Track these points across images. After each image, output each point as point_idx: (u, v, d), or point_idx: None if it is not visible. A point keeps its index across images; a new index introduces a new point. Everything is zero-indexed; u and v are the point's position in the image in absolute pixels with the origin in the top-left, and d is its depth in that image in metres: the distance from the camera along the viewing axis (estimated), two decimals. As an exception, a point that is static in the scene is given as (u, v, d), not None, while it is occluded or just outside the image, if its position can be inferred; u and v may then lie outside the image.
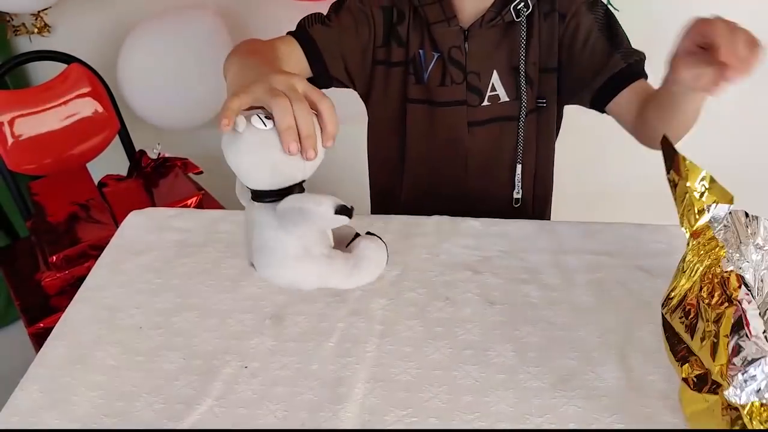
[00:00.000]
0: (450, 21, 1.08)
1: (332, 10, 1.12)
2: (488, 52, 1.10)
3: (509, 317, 0.89)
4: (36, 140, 1.78)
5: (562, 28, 1.09)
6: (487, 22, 1.07)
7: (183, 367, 0.85)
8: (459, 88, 1.12)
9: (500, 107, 1.13)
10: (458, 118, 1.14)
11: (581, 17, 1.08)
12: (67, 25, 2.02)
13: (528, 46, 1.09)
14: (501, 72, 1.11)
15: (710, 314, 0.64)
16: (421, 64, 1.12)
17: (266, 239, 0.71)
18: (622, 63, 1.06)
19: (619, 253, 0.98)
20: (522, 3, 1.06)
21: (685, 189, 0.70)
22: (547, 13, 1.08)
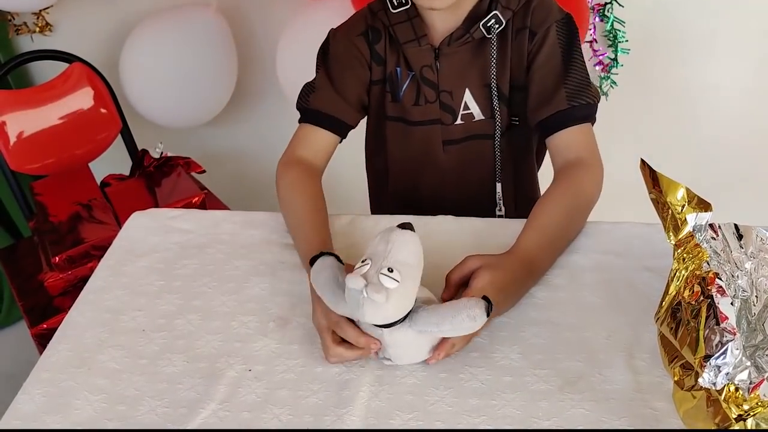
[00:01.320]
0: (420, 40, 1.07)
1: (319, 64, 1.14)
2: (460, 70, 1.09)
3: (515, 318, 0.88)
4: (38, 140, 1.77)
5: (530, 45, 1.06)
6: (455, 39, 1.06)
7: (186, 370, 0.84)
8: (432, 107, 1.12)
9: (475, 125, 1.12)
10: (432, 137, 1.14)
11: (548, 37, 1.05)
12: (69, 24, 2.01)
13: (500, 63, 1.07)
14: (474, 90, 1.10)
15: (689, 311, 0.67)
16: (396, 82, 1.12)
17: (408, 349, 0.81)
18: (566, 104, 1.04)
19: (627, 253, 0.97)
20: (493, 19, 1.04)
21: (667, 205, 0.73)
22: (518, 29, 1.06)
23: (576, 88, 1.04)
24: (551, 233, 0.95)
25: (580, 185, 1.01)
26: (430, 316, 0.78)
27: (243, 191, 2.12)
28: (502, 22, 1.04)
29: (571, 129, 1.04)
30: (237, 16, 1.93)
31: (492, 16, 1.04)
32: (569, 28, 1.06)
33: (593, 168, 1.03)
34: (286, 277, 0.96)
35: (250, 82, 2.05)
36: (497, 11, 1.03)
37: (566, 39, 1.05)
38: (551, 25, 1.05)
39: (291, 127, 2.18)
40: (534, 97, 1.07)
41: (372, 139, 1.23)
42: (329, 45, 1.14)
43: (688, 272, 0.72)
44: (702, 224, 0.74)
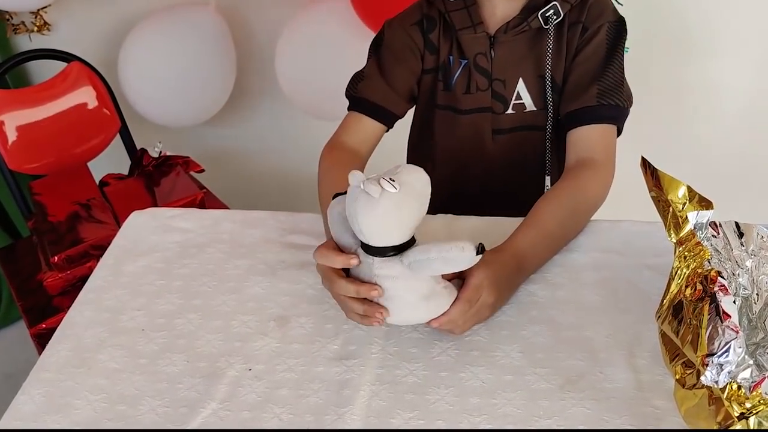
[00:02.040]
0: (476, 27, 1.07)
1: (371, 53, 1.14)
2: (514, 59, 1.09)
3: (516, 317, 0.88)
4: (36, 139, 1.77)
5: (579, 39, 1.06)
6: (512, 28, 1.06)
7: (186, 369, 0.84)
8: (483, 95, 1.11)
9: (526, 116, 1.12)
10: (482, 125, 1.13)
11: (598, 34, 1.06)
12: (67, 23, 2.01)
13: (555, 55, 1.07)
14: (527, 80, 1.10)
15: (691, 310, 0.67)
16: (449, 70, 1.12)
17: (397, 289, 0.79)
18: (595, 100, 1.04)
19: (627, 251, 0.96)
20: (552, 10, 1.04)
21: (668, 203, 0.73)
22: (573, 23, 1.06)
23: (608, 87, 1.05)
24: (549, 232, 0.95)
25: (586, 186, 1.01)
26: (419, 246, 0.78)
27: (242, 190, 2.12)
28: (560, 14, 1.04)
29: (593, 127, 1.05)
30: (236, 15, 1.92)
31: (551, 7, 1.04)
32: (619, 31, 1.07)
33: (603, 170, 1.03)
34: (286, 276, 0.96)
35: (248, 81, 2.04)
36: (557, 2, 1.03)
37: (613, 40, 1.06)
38: (603, 24, 1.06)
39: (290, 126, 2.19)
40: (569, 89, 1.07)
41: (418, 128, 1.23)
42: (383, 35, 1.13)
43: (690, 270, 0.72)
44: (703, 222, 0.74)
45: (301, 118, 1.96)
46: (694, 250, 0.73)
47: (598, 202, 1.02)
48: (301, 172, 2.11)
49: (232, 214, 1.10)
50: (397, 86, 1.11)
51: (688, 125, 1.97)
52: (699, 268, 0.70)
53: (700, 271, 0.70)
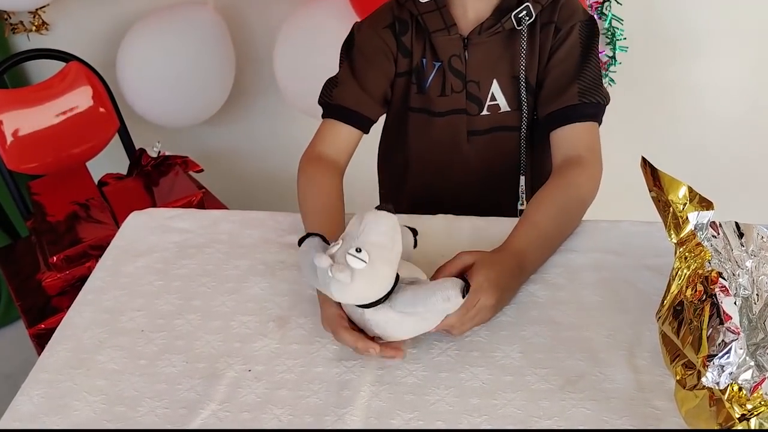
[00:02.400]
0: (450, 29, 1.07)
1: (343, 58, 1.13)
2: (488, 60, 1.09)
3: (516, 318, 0.88)
4: (35, 139, 1.77)
5: (553, 40, 1.07)
6: (486, 29, 1.06)
7: (186, 370, 0.84)
8: (458, 97, 1.11)
9: (500, 117, 1.12)
10: (457, 127, 1.13)
11: (571, 35, 1.06)
12: (66, 23, 2.00)
13: (529, 56, 1.07)
14: (501, 81, 1.10)
15: (692, 311, 0.67)
16: (422, 73, 1.12)
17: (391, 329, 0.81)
18: (577, 99, 1.05)
19: (627, 252, 0.96)
20: (524, 11, 1.04)
21: (668, 203, 0.73)
22: (544, 23, 1.07)
23: (588, 85, 1.05)
24: (544, 230, 0.95)
25: (576, 184, 1.01)
26: (406, 296, 0.78)
27: (240, 190, 2.12)
28: (532, 14, 1.04)
29: (577, 125, 1.05)
30: (234, 15, 1.92)
31: (524, 8, 1.04)
32: (591, 30, 1.07)
33: (592, 167, 1.03)
34: (286, 276, 0.96)
35: (247, 80, 2.04)
36: (529, 3, 1.04)
37: (587, 39, 1.07)
38: (575, 24, 1.06)
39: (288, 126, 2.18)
40: (547, 90, 1.08)
41: (391, 133, 1.22)
42: (354, 38, 1.13)
43: (690, 271, 0.72)
44: (704, 223, 0.74)
45: (299, 117, 1.96)
46: (695, 251, 0.73)
47: (588, 198, 1.02)
48: (300, 172, 2.11)
49: (231, 215, 1.10)
50: (371, 90, 1.11)
51: (686, 123, 1.97)
52: (700, 269, 0.70)
53: (700, 272, 0.70)
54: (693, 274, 0.71)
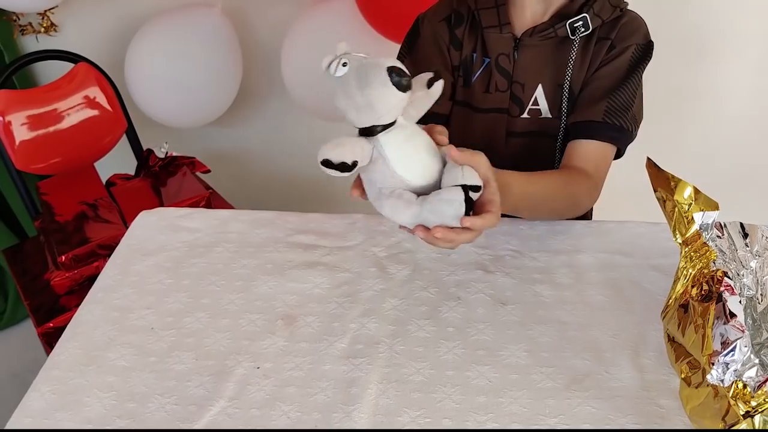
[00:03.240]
0: (503, 27, 1.07)
1: (405, 52, 1.14)
2: (536, 64, 1.09)
3: (522, 317, 0.88)
4: (43, 140, 1.78)
5: (605, 55, 1.07)
6: (538, 32, 1.06)
7: (195, 367, 0.85)
8: (502, 96, 1.11)
9: (539, 122, 1.12)
10: (497, 126, 1.13)
11: (624, 54, 1.06)
12: (74, 24, 2.02)
13: (577, 67, 1.07)
14: (546, 87, 1.10)
15: (698, 310, 0.68)
16: (470, 67, 1.12)
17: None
18: (601, 116, 1.05)
19: (633, 252, 0.97)
20: (581, 21, 1.03)
21: (674, 203, 0.74)
22: (601, 38, 1.06)
23: (617, 107, 1.06)
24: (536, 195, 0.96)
25: (579, 185, 1.02)
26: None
27: (247, 191, 2.13)
28: (589, 27, 1.04)
29: (593, 142, 1.06)
30: (242, 17, 1.93)
31: (581, 18, 1.03)
32: (644, 54, 1.07)
33: (594, 185, 1.04)
34: (294, 275, 0.97)
35: (254, 82, 2.05)
36: (587, 15, 1.03)
37: (635, 62, 1.07)
38: (631, 45, 1.06)
39: (295, 127, 2.19)
40: (579, 100, 1.08)
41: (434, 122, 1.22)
42: (419, 30, 1.13)
43: (696, 270, 0.72)
44: (709, 223, 0.75)
45: (306, 118, 1.97)
46: (700, 251, 0.73)
47: (582, 205, 1.04)
48: (307, 173, 2.11)
49: (240, 214, 1.11)
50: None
51: (692, 125, 1.97)
52: (705, 269, 0.71)
53: (706, 271, 0.71)
54: (698, 273, 0.72)
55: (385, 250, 1.01)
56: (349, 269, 0.97)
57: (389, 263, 0.98)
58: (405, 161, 0.79)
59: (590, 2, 1.04)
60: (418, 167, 0.80)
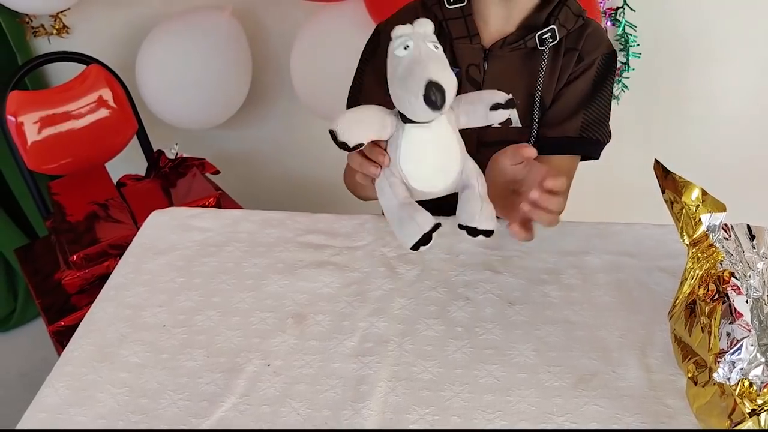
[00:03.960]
0: (472, 38, 1.08)
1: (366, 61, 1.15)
2: (506, 74, 1.10)
3: (530, 317, 0.89)
4: (55, 140, 1.79)
5: (574, 67, 1.08)
6: (509, 44, 1.07)
7: (206, 365, 0.86)
8: None
9: (510, 131, 1.11)
10: (469, 136, 1.13)
11: (593, 67, 1.08)
12: (86, 26, 2.03)
13: (548, 77, 1.08)
14: (517, 97, 1.09)
15: (705, 310, 0.69)
16: None
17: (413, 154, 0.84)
18: (578, 132, 1.08)
19: (640, 253, 0.98)
20: (549, 33, 1.05)
21: (681, 205, 0.75)
22: (569, 49, 1.08)
23: (593, 120, 1.08)
24: None
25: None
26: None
27: (256, 192, 2.14)
28: (556, 37, 1.05)
29: (567, 156, 1.09)
30: (251, 20, 1.95)
31: (549, 30, 1.05)
32: (610, 64, 1.09)
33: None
34: (304, 274, 0.98)
35: (264, 84, 2.07)
36: (554, 26, 1.05)
37: (603, 72, 1.09)
38: (598, 57, 1.08)
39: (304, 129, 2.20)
40: (552, 114, 1.09)
41: None
42: (380, 40, 1.13)
43: (703, 271, 0.73)
44: (716, 225, 0.76)
45: (315, 121, 1.98)
46: (707, 252, 0.74)
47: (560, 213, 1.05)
48: (315, 175, 2.13)
49: (251, 214, 1.12)
50: None
51: (698, 129, 1.97)
52: (712, 269, 0.72)
53: (713, 272, 0.71)
54: (705, 274, 0.73)
55: (394, 251, 1.01)
56: (359, 269, 0.99)
57: (398, 263, 0.99)
58: (413, 160, 0.81)
59: (555, 13, 1.05)
60: (424, 172, 0.82)
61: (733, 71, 1.88)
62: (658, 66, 1.86)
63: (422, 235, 0.79)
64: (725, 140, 1.97)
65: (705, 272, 0.73)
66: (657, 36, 1.82)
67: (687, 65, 1.87)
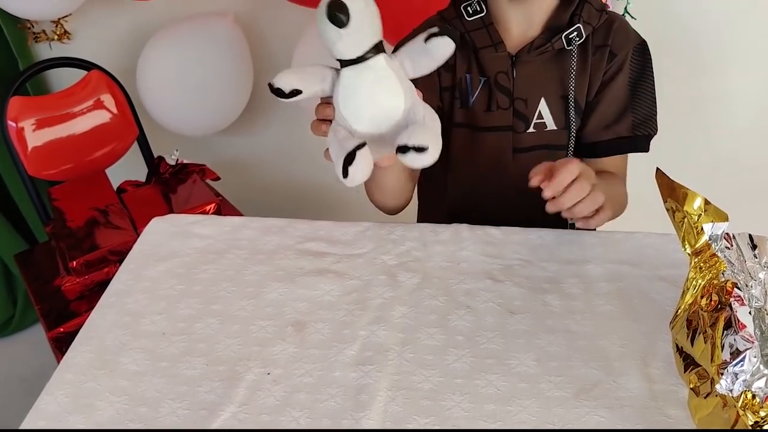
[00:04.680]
0: (497, 46, 1.07)
1: None
2: (536, 79, 1.09)
3: (531, 326, 0.89)
4: (56, 146, 1.80)
5: (608, 64, 1.08)
6: (535, 48, 1.06)
7: (206, 373, 0.85)
8: (505, 114, 1.11)
9: (546, 135, 1.12)
10: (503, 144, 1.14)
11: (626, 62, 1.08)
12: (87, 32, 2.04)
13: (579, 76, 1.08)
14: (549, 100, 1.10)
15: (707, 320, 0.68)
16: (467, 88, 1.12)
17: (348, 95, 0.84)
18: (629, 131, 1.09)
19: (641, 262, 0.98)
20: (575, 32, 1.04)
21: (683, 214, 0.74)
22: (599, 46, 1.07)
23: (643, 118, 1.09)
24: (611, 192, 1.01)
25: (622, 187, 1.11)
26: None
27: (257, 199, 2.14)
28: (582, 35, 1.05)
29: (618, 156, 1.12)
30: (253, 26, 1.95)
31: (575, 29, 1.04)
32: (644, 55, 1.09)
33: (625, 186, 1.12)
34: (304, 282, 0.98)
35: (265, 91, 2.03)
36: (580, 24, 1.04)
37: (640, 65, 1.09)
38: (630, 49, 1.08)
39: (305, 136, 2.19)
40: (598, 117, 1.10)
41: None
42: None
43: (705, 281, 0.73)
44: (718, 234, 0.75)
45: (315, 127, 1.98)
46: (710, 262, 0.74)
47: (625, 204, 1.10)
48: (316, 182, 2.13)
49: (251, 222, 1.12)
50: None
51: (701, 136, 1.97)
52: (714, 279, 0.71)
53: (715, 282, 0.71)
54: (708, 284, 0.72)
55: (395, 258, 1.01)
56: (359, 277, 0.98)
57: (398, 271, 0.99)
58: (349, 100, 0.81)
59: (578, 11, 1.05)
60: (363, 112, 0.82)
61: (738, 78, 1.88)
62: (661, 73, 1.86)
63: (346, 153, 0.77)
64: (728, 149, 1.97)
65: (707, 282, 0.73)
66: (659, 43, 1.81)
67: (690, 72, 1.87)
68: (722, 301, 0.68)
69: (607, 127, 1.10)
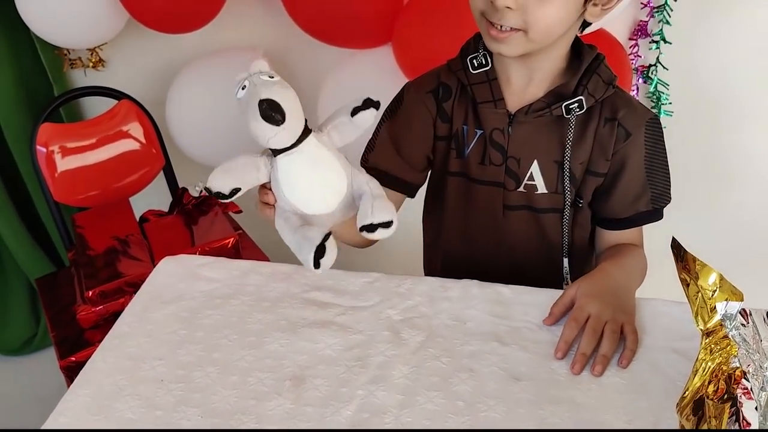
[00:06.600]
0: (497, 103, 1.07)
1: (386, 118, 1.15)
2: (531, 140, 1.08)
3: (534, 395, 0.86)
4: (82, 173, 1.82)
5: (622, 143, 1.06)
6: (534, 111, 1.05)
7: (200, 425, 0.84)
8: (497, 170, 1.11)
9: (535, 197, 1.11)
10: (494, 198, 1.13)
11: (640, 139, 1.07)
12: (121, 61, 2.08)
13: (577, 145, 1.06)
14: (542, 162, 1.09)
15: (713, 410, 0.66)
16: (463, 139, 1.11)
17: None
18: (649, 206, 1.10)
19: (654, 332, 0.94)
20: (576, 104, 1.03)
21: (697, 288, 0.72)
22: (607, 119, 1.06)
23: (660, 192, 1.10)
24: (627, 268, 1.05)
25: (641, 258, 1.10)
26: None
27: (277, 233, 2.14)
28: (583, 107, 1.04)
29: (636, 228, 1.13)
30: (282, 63, 1.96)
31: (576, 101, 1.03)
32: (656, 129, 1.08)
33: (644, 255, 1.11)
34: (306, 334, 0.96)
35: (291, 125, 2.07)
36: (583, 97, 1.03)
37: (654, 140, 1.08)
38: (641, 126, 1.07)
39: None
40: (618, 197, 1.10)
41: (431, 193, 1.23)
42: (403, 98, 1.15)
43: (715, 365, 0.70)
44: (732, 313, 0.72)
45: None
46: (721, 344, 0.71)
47: (645, 271, 1.08)
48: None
49: (261, 266, 1.11)
50: (407, 156, 1.13)
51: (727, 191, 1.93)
52: (724, 365, 0.69)
53: (725, 368, 0.68)
54: (717, 368, 0.69)
55: (401, 314, 0.99)
56: (362, 331, 0.97)
57: (403, 327, 0.97)
58: (295, 187, 0.82)
59: (584, 82, 1.03)
60: (309, 195, 0.83)
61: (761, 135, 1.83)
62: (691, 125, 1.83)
63: (315, 247, 0.78)
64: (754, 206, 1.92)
65: (717, 366, 0.70)
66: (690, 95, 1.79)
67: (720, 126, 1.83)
68: (729, 390, 0.65)
69: (628, 204, 1.10)
